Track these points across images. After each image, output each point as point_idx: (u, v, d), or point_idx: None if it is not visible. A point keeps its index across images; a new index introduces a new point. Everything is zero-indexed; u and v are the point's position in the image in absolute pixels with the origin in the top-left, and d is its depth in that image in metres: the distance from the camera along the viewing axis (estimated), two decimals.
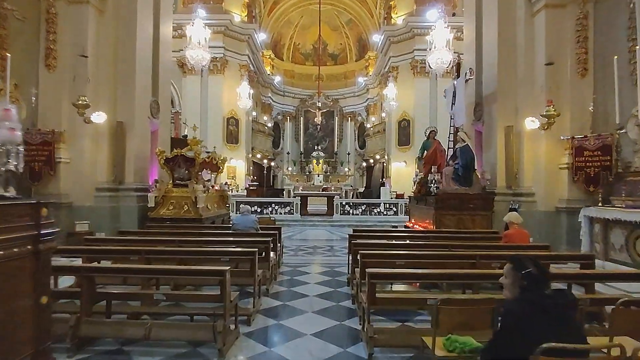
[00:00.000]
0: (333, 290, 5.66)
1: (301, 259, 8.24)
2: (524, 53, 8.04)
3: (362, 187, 25.97)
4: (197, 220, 8.03)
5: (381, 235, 6.61)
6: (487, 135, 8.91)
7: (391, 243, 5.37)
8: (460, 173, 8.20)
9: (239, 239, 5.70)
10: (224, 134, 19.76)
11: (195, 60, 11.50)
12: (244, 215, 6.52)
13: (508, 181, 8.24)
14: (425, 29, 19.15)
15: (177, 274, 3.37)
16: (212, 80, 19.55)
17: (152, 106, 9.20)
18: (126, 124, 8.31)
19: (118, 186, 8.24)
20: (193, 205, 8.13)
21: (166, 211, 8.18)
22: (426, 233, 6.90)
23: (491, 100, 8.72)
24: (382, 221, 15.36)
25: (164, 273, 3.22)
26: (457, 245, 5.23)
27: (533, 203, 7.81)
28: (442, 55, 11.29)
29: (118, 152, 8.21)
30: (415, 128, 19.73)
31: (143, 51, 8.77)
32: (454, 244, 5.25)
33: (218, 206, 9.65)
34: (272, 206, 15.90)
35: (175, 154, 8.30)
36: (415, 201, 9.50)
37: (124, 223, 8.10)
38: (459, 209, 8.02)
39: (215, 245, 5.49)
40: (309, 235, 12.48)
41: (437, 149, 9.56)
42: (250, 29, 20.33)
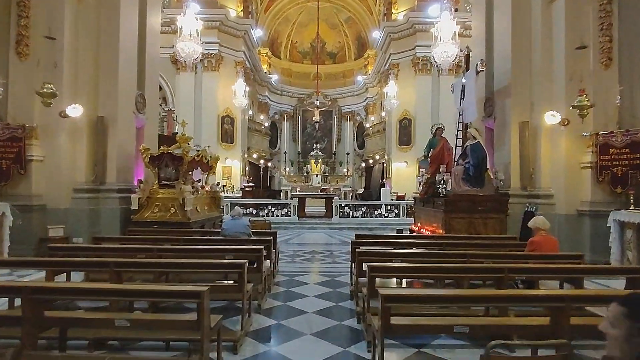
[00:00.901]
0: (334, 305, 4.99)
1: (299, 266, 7.57)
2: (540, 43, 7.42)
3: (361, 188, 25.33)
4: (184, 225, 7.35)
5: (387, 242, 5.93)
6: (499, 132, 8.28)
7: (401, 252, 4.70)
8: (471, 173, 7.55)
9: (228, 246, 5.02)
10: (218, 133, 19.07)
11: (187, 54, 10.85)
12: (234, 219, 5.85)
13: (523, 181, 7.60)
14: (427, 24, 18.57)
15: (144, 296, 2.71)
16: (206, 77, 18.88)
17: (138, 100, 8.51)
18: (108, 119, 7.63)
19: (99, 187, 7.55)
20: (180, 207, 7.45)
21: (151, 214, 7.49)
22: (438, 239, 6.23)
23: (504, 95, 8.09)
24: (384, 224, 14.70)
25: (125, 294, 2.56)
26: (475, 254, 4.57)
27: (551, 206, 7.18)
28: (448, 49, 10.78)
29: (99, 150, 7.52)
30: (416, 127, 19.11)
31: (127, 42, 8.10)
32: (471, 253, 4.58)
33: (209, 209, 8.96)
34: (269, 208, 15.21)
35: (162, 152, 7.62)
36: (422, 203, 8.85)
37: (105, 227, 7.41)
38: (470, 212, 7.36)
39: (201, 254, 4.81)
40: (307, 239, 11.80)
41: (445, 147, 8.90)
42: (246, 25, 19.67)
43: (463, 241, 5.81)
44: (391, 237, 6.95)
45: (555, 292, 2.80)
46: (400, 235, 7.52)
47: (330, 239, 11.80)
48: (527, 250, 4.76)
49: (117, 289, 2.58)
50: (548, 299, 2.57)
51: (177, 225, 7.32)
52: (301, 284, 6.07)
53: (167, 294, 2.63)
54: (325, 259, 8.37)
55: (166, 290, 2.63)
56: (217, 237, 5.92)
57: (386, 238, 6.59)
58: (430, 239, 6.44)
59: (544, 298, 2.54)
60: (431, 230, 8.06)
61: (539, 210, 7.23)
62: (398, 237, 6.91)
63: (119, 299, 2.87)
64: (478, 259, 4.52)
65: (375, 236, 6.99)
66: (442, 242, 5.51)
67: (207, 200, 9.02)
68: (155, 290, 2.62)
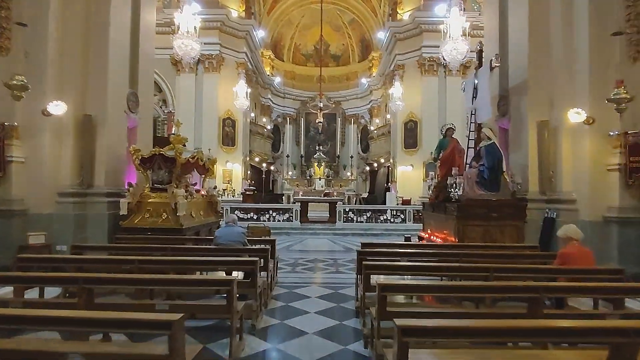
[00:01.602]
0: (338, 323, 4.44)
1: (299, 276, 7.02)
2: (560, 36, 6.86)
3: (365, 192, 24.74)
4: (177, 231, 6.83)
5: (397, 252, 5.36)
6: (515, 132, 7.72)
7: (414, 265, 4.14)
8: (486, 176, 6.99)
9: (220, 257, 4.50)
10: (219, 136, 18.62)
11: (184, 52, 10.43)
12: (229, 227, 5.32)
13: (542, 185, 7.03)
14: (433, 24, 18.06)
15: (99, 326, 2.18)
16: (207, 78, 18.47)
17: (130, 99, 8.04)
18: (96, 118, 7.16)
19: (86, 190, 7.06)
20: (172, 213, 6.93)
21: (141, 220, 6.98)
22: (453, 248, 5.67)
23: (520, 92, 7.54)
24: (390, 229, 14.13)
25: (74, 323, 2.03)
26: (499, 269, 4.01)
27: (574, 212, 6.58)
28: (458, 46, 10.26)
29: (86, 151, 7.05)
30: (422, 129, 18.58)
31: (118, 36, 7.65)
32: (494, 267, 4.02)
33: (205, 214, 8.44)
34: (270, 213, 14.69)
35: (153, 153, 7.12)
36: (432, 208, 8.29)
37: (92, 234, 6.92)
38: (485, 218, 6.79)
39: (189, 266, 4.28)
40: (310, 246, 11.25)
41: (456, 148, 8.34)
42: (248, 25, 19.27)
43: (481, 251, 5.25)
44: (400, 245, 6.39)
45: (618, 324, 2.24)
46: (410, 244, 6.96)
47: (334, 246, 11.24)
48: (556, 263, 4.20)
49: (63, 316, 2.06)
50: (609, 333, 2.02)
51: (169, 232, 6.80)
52: (302, 297, 5.52)
53: (129, 323, 2.10)
54: (328, 268, 7.82)
55: (129, 319, 2.10)
56: (211, 245, 5.39)
57: (395, 247, 6.03)
58: (444, 248, 5.87)
59: (605, 331, 1.99)
60: (442, 238, 7.49)
61: (560, 217, 6.65)
62: (408, 246, 6.34)
63: (68, 329, 2.35)
64: (502, 274, 3.97)
65: (382, 245, 6.44)
66: (458, 253, 4.95)
67: (203, 205, 8.50)
68: (114, 320, 2.10)
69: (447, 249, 5.82)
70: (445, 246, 6.00)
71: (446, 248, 5.86)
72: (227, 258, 4.49)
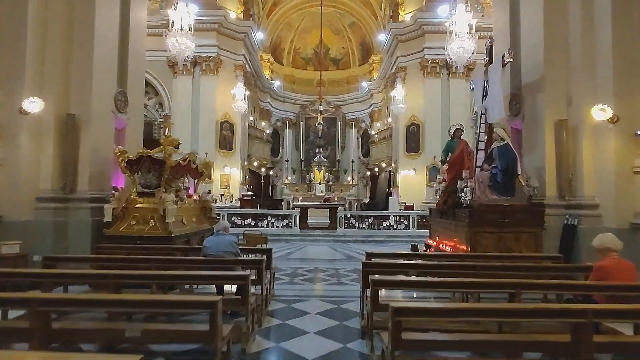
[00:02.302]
0: (342, 347, 3.89)
1: (298, 289, 6.47)
2: (579, 30, 6.39)
3: (366, 197, 24.21)
4: (165, 240, 6.30)
5: (406, 264, 4.82)
6: (529, 132, 7.22)
7: (428, 281, 3.60)
8: (500, 179, 6.47)
9: (207, 272, 3.96)
10: (217, 139, 18.13)
11: (178, 50, 9.98)
12: (219, 235, 4.79)
13: (561, 189, 6.51)
14: (436, 25, 17.66)
15: None
16: (204, 81, 18.02)
17: (118, 98, 7.55)
18: (80, 117, 6.67)
19: (68, 195, 6.55)
20: (161, 219, 6.41)
21: (127, 228, 6.45)
22: (466, 259, 5.14)
23: (534, 90, 7.05)
24: (393, 236, 13.57)
25: None
26: (526, 285, 3.47)
27: (597, 218, 6.06)
28: (464, 44, 9.80)
29: (69, 153, 6.54)
30: (425, 133, 18.11)
31: (105, 33, 7.18)
32: (521, 283, 3.49)
33: (198, 220, 7.90)
34: (268, 219, 14.14)
35: (140, 155, 6.61)
36: (439, 214, 7.76)
37: (73, 243, 6.39)
38: (498, 225, 6.27)
39: (170, 281, 3.75)
40: (309, 253, 10.70)
41: (465, 150, 7.85)
42: (247, 27, 18.87)
43: (499, 262, 4.71)
44: (407, 255, 5.85)
45: None
46: (419, 254, 6.41)
47: (335, 254, 10.69)
48: (592, 278, 3.66)
49: None
50: None
51: (157, 241, 6.28)
52: (300, 313, 4.97)
53: None
54: (329, 278, 7.27)
55: None
56: (196, 257, 4.86)
57: (402, 257, 5.49)
58: (457, 259, 5.34)
59: None
60: (452, 246, 6.96)
61: (582, 223, 6.13)
62: (416, 257, 5.80)
63: None
64: (529, 290, 3.44)
65: (388, 254, 5.89)
66: (474, 265, 4.41)
67: (195, 211, 7.97)
68: None
69: (460, 259, 5.29)
70: (458, 256, 5.46)
71: (459, 259, 5.33)
72: (215, 272, 3.96)
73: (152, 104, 19.39)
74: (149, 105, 19.36)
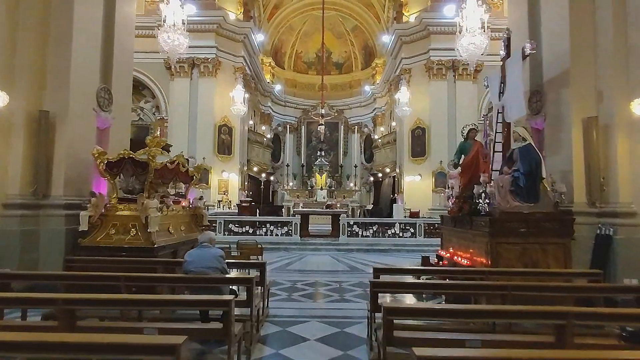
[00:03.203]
0: None
1: (297, 307, 5.75)
2: (610, 18, 5.74)
3: (369, 203, 23.49)
4: (147, 251, 5.61)
5: (421, 283, 4.10)
6: (552, 132, 6.53)
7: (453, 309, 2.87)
8: (522, 183, 5.77)
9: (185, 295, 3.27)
10: (215, 143, 17.52)
11: (170, 47, 9.37)
12: (202, 248, 4.10)
13: (591, 195, 5.80)
14: (442, 25, 17.07)
15: None
16: (202, 83, 17.46)
17: (101, 95, 6.93)
18: (56, 115, 6.04)
19: (39, 201, 5.89)
20: (143, 229, 5.73)
21: (105, 238, 5.76)
22: (490, 275, 4.42)
23: (558, 85, 6.38)
24: (399, 245, 12.84)
25: None
26: (579, 314, 2.74)
27: (634, 228, 5.34)
28: (475, 40, 9.17)
29: (41, 154, 5.90)
30: (431, 137, 17.45)
31: (86, 25, 6.59)
32: (573, 311, 2.76)
33: (188, 229, 7.21)
34: (267, 226, 13.44)
35: (121, 156, 5.94)
36: (453, 223, 7.03)
37: (45, 254, 5.72)
38: (523, 235, 5.55)
39: (138, 307, 3.06)
40: (310, 264, 9.98)
41: (480, 152, 7.16)
42: (247, 28, 18.35)
43: (533, 282, 4.00)
44: (421, 271, 5.13)
45: None
46: (433, 269, 5.69)
47: (337, 264, 9.96)
48: None
49: None
50: None
51: (138, 252, 5.59)
52: (297, 339, 4.25)
53: None
54: (331, 294, 6.54)
55: None
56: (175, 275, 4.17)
57: (414, 273, 4.77)
58: (478, 275, 4.61)
59: None
60: (468, 258, 6.23)
61: (618, 233, 5.41)
62: (431, 272, 5.08)
63: None
64: (585, 321, 2.72)
65: (398, 270, 5.19)
66: (503, 285, 3.69)
67: (185, 219, 7.28)
68: None
69: (482, 275, 4.56)
70: (480, 272, 4.73)
71: (482, 275, 4.60)
72: (187, 297, 3.27)
73: (149, 107, 18.87)
74: (146, 109, 18.83)
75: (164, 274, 4.13)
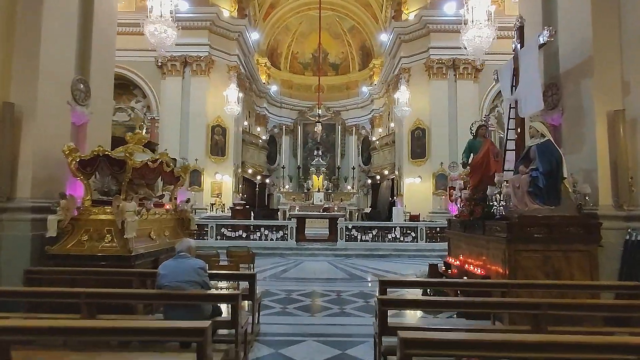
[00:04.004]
0: None
1: (291, 322, 5.13)
2: None
3: (367, 207, 22.90)
4: (123, 260, 4.98)
5: (438, 300, 3.50)
6: (573, 127, 5.97)
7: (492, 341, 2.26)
8: (542, 184, 5.21)
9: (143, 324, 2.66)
10: (208, 144, 16.88)
11: (158, 40, 8.81)
12: (179, 259, 3.48)
13: (619, 197, 5.24)
14: (442, 23, 16.61)
15: None
16: (195, 82, 16.84)
17: (77, 87, 6.30)
18: (22, 108, 5.40)
19: (2, 204, 5.23)
20: (119, 235, 5.09)
21: (76, 245, 5.11)
22: (511, 288, 3.83)
23: (579, 75, 5.83)
24: (399, 250, 12.25)
25: None
26: None
27: None
28: (482, 32, 8.69)
29: (5, 151, 5.25)
30: (431, 138, 16.93)
31: (59, 8, 5.97)
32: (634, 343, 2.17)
33: (173, 234, 6.56)
34: (261, 230, 12.81)
35: (96, 154, 5.31)
36: (462, 227, 6.45)
37: (8, 264, 5.06)
38: (544, 242, 4.98)
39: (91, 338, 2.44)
40: (307, 271, 9.36)
41: (490, 150, 6.62)
42: (241, 26, 17.78)
43: (569, 298, 3.42)
44: (433, 284, 4.53)
45: None
46: (446, 281, 5.08)
47: (335, 272, 9.34)
48: None
49: None
50: None
51: (113, 261, 4.96)
52: None
53: None
54: (330, 306, 5.91)
55: None
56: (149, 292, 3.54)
57: (426, 285, 4.17)
58: (499, 287, 4.02)
59: None
60: (481, 267, 5.64)
61: None
62: (443, 284, 4.48)
63: None
64: None
65: (408, 282, 4.59)
66: (536, 303, 3.10)
67: (169, 224, 6.63)
68: None
69: (503, 288, 3.97)
70: (501, 285, 4.13)
71: (501, 287, 4.00)
72: (152, 323, 2.64)
73: (140, 107, 18.22)
74: (137, 109, 18.20)
75: (132, 290, 3.48)
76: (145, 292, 3.35)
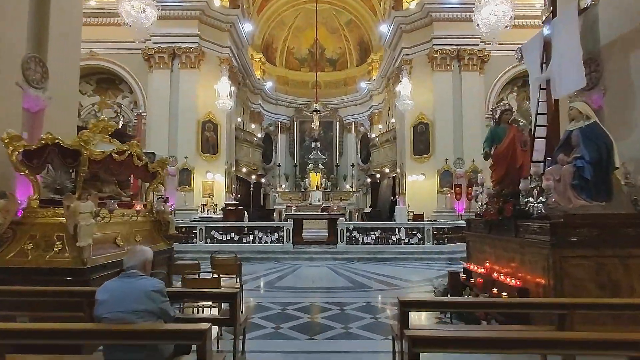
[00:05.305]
0: None
1: (285, 348, 4.15)
2: None
3: (367, 206, 21.94)
4: (76, 273, 4.01)
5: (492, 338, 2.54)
6: (617, 109, 5.06)
7: None
8: (589, 175, 4.29)
9: None
10: (198, 141, 15.88)
11: (135, 20, 7.86)
12: (125, 279, 2.49)
13: None
14: (446, 12, 15.72)
15: None
16: (184, 75, 15.86)
17: (29, 66, 5.32)
18: None
19: None
20: (71, 242, 4.11)
21: (18, 255, 4.14)
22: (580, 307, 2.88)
23: (625, 49, 4.92)
24: (404, 252, 11.30)
25: None
26: None
27: None
28: (497, 9, 7.80)
29: None
30: (435, 132, 16.02)
31: None
32: None
33: (147, 239, 5.58)
34: (255, 233, 11.82)
35: (44, 143, 4.33)
36: (487, 228, 5.49)
37: None
38: (596, 246, 4.05)
39: None
40: (304, 278, 8.39)
41: (517, 138, 5.65)
42: (233, 16, 16.78)
43: None
44: (468, 305, 3.57)
45: None
46: (483, 302, 4.13)
47: (336, 278, 8.37)
48: None
49: None
50: None
51: (64, 275, 3.99)
52: None
53: None
54: (332, 325, 4.93)
55: None
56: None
57: (460, 308, 3.21)
58: (556, 309, 3.07)
59: None
60: (513, 275, 4.69)
61: None
62: (480, 305, 3.52)
63: None
64: None
65: (432, 303, 3.66)
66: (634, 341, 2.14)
67: (143, 227, 5.66)
68: None
69: (562, 309, 3.01)
70: (560, 306, 3.16)
71: (559, 308, 3.04)
72: None
73: (127, 103, 17.22)
74: (124, 105, 17.20)
75: (52, 325, 2.46)
76: (73, 327, 2.36)
